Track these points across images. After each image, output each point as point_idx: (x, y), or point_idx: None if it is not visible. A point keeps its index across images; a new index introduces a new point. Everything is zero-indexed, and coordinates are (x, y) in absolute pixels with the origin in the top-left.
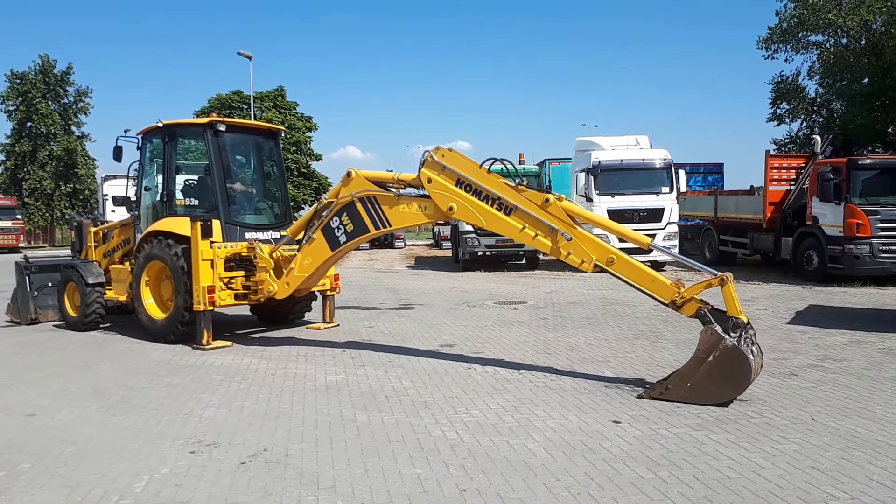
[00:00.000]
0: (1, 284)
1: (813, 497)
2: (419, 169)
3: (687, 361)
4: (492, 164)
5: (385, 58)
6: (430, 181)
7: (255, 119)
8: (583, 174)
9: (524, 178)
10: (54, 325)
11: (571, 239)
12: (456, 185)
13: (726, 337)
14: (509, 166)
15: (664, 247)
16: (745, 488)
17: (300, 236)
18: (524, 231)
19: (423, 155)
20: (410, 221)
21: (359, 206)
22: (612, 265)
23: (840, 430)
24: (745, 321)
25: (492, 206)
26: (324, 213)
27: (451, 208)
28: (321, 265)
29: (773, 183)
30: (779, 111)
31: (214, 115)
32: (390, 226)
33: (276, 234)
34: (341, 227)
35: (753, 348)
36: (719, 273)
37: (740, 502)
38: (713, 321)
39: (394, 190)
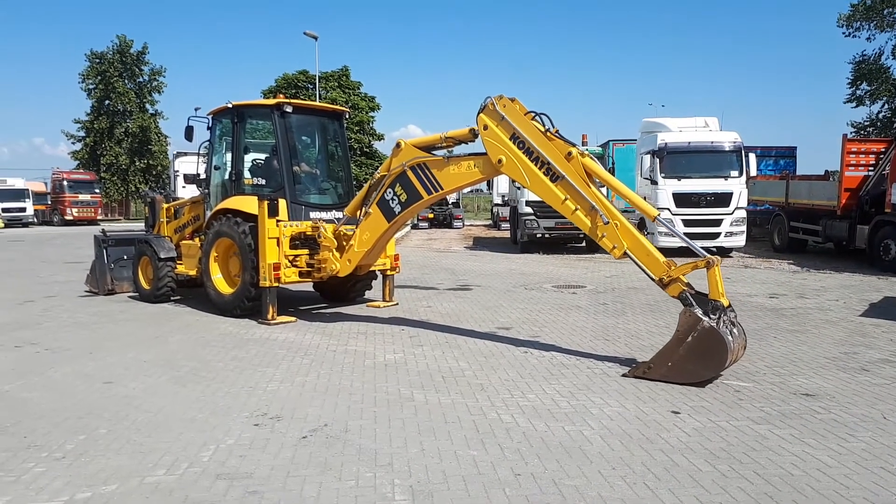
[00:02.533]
0: (80, 255)
1: (881, 499)
2: (478, 114)
3: (668, 342)
4: (532, 117)
5: (448, 38)
6: (486, 128)
7: (319, 98)
8: (648, 156)
9: (555, 126)
10: (129, 297)
11: (609, 223)
12: (510, 139)
13: (704, 319)
14: (546, 122)
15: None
16: (808, 486)
17: (358, 214)
18: (566, 203)
19: (485, 101)
20: (462, 181)
21: (410, 174)
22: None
23: None
24: (726, 304)
25: (540, 168)
26: (378, 188)
27: (500, 161)
28: (379, 238)
29: (850, 168)
30: (858, 92)
31: (282, 95)
32: (442, 189)
33: (340, 214)
34: (395, 198)
35: (734, 330)
36: (707, 255)
37: (803, 501)
38: (693, 303)
39: (443, 152)
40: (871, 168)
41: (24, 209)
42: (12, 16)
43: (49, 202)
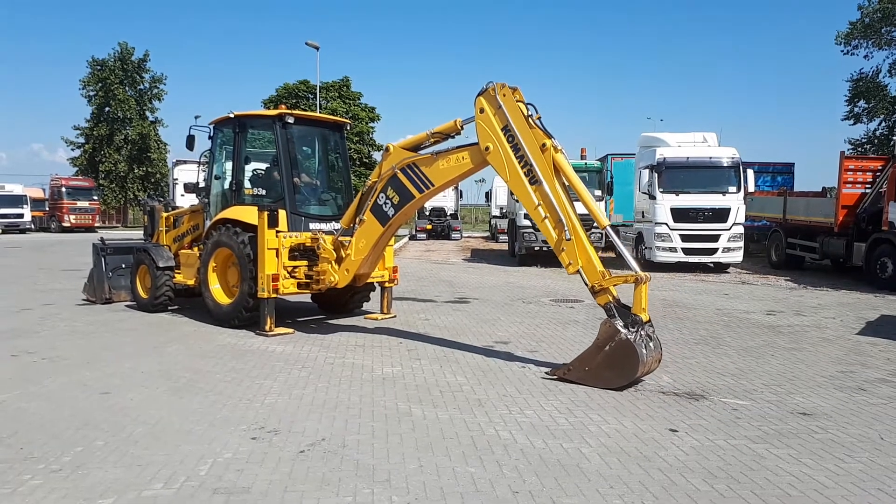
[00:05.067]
0: (78, 263)
1: None
2: (477, 96)
3: (588, 348)
4: (526, 104)
5: (448, 49)
6: (482, 111)
7: (320, 108)
8: (646, 171)
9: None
10: (126, 306)
11: (570, 239)
12: (501, 130)
13: (622, 331)
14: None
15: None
16: None
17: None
18: (537, 209)
19: (487, 84)
20: (451, 175)
21: (401, 176)
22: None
23: None
24: (645, 319)
25: (522, 167)
26: (370, 195)
27: (487, 148)
28: (375, 244)
29: (847, 185)
30: (856, 110)
31: (283, 106)
32: (433, 185)
33: (339, 226)
34: (388, 201)
35: (650, 344)
36: (638, 272)
37: None
38: (616, 315)
39: (431, 150)
40: (868, 185)
41: (21, 215)
42: (12, 21)
43: (47, 208)
